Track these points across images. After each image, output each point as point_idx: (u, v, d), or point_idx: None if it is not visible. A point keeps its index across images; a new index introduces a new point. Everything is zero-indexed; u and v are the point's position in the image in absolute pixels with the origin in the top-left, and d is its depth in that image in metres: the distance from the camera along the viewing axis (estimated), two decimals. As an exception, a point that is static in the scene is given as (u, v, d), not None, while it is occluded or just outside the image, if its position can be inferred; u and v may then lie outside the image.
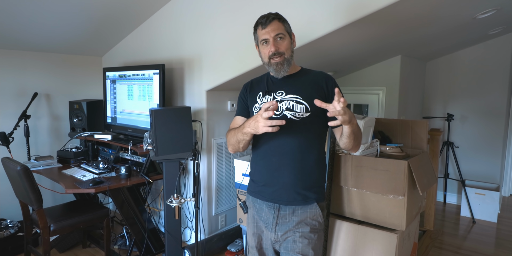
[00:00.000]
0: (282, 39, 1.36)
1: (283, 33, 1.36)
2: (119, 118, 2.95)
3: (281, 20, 1.37)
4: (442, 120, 3.88)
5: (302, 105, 1.35)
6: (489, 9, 2.20)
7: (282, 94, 1.39)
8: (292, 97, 1.37)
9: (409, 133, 2.18)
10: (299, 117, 1.35)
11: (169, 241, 2.27)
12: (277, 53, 1.34)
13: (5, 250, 2.54)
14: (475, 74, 3.71)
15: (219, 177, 2.79)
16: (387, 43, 2.71)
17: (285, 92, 1.39)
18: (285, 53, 1.36)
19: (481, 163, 3.73)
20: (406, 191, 1.70)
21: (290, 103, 1.36)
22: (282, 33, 1.35)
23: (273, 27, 1.34)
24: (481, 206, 3.41)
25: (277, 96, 1.40)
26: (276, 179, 1.39)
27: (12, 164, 2.09)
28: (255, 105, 1.45)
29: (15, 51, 2.85)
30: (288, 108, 1.36)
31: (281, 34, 1.35)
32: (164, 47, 2.81)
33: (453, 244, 2.90)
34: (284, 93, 1.39)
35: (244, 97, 1.53)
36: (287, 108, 1.36)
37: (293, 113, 1.35)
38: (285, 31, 1.37)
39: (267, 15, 1.36)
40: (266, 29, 1.34)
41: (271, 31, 1.34)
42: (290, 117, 1.35)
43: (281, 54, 1.35)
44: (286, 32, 1.37)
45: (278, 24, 1.35)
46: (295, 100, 1.36)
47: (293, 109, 1.35)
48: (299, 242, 1.36)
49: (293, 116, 1.35)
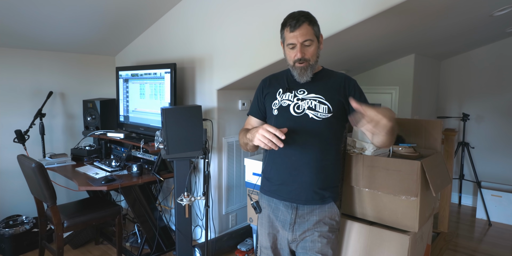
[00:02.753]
0: (309, 45, 1.31)
1: (311, 39, 1.29)
2: (131, 116, 2.98)
3: (311, 23, 1.30)
4: (457, 120, 3.80)
5: (324, 106, 1.34)
6: (506, 6, 2.14)
7: (304, 92, 1.38)
8: (315, 96, 1.35)
9: (422, 133, 2.14)
10: (321, 117, 1.33)
11: (179, 239, 2.28)
12: (303, 59, 1.31)
13: (20, 245, 2.60)
14: (492, 74, 3.61)
15: (230, 176, 2.79)
16: (403, 41, 2.67)
17: (307, 91, 1.37)
18: (310, 60, 1.32)
19: (498, 164, 3.63)
20: (419, 192, 1.67)
21: (313, 102, 1.35)
22: (311, 39, 1.29)
23: (301, 32, 1.27)
24: (498, 208, 3.32)
25: (299, 94, 1.38)
26: (294, 178, 1.37)
27: (27, 161, 2.13)
28: (275, 101, 1.43)
29: (31, 51, 2.92)
30: (310, 108, 1.34)
31: (309, 41, 1.29)
32: (176, 46, 2.83)
33: (468, 247, 2.84)
34: (306, 92, 1.37)
35: (261, 93, 1.50)
36: (309, 107, 1.34)
37: (315, 113, 1.34)
38: (313, 35, 1.30)
39: (298, 17, 1.28)
40: (295, 33, 1.28)
41: (299, 36, 1.27)
42: (312, 117, 1.34)
43: (306, 60, 1.31)
44: (314, 37, 1.31)
45: (308, 28, 1.28)
46: (318, 100, 1.35)
47: (315, 108, 1.34)
48: (318, 241, 1.36)
49: (315, 116, 1.34)
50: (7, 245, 2.54)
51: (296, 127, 1.35)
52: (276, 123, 1.40)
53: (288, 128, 1.33)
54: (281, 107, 1.39)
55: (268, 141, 1.19)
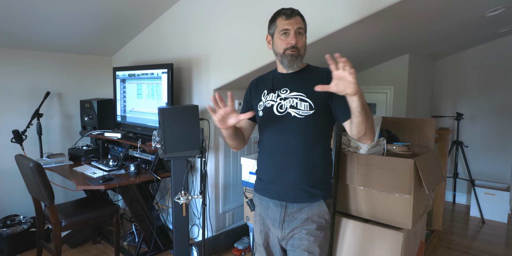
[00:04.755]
0: (301, 35, 1.38)
1: (303, 28, 1.38)
2: (128, 116, 2.99)
3: (301, 17, 1.39)
4: (451, 119, 3.84)
5: (306, 103, 1.34)
6: (498, 7, 2.18)
7: (286, 91, 1.39)
8: (296, 94, 1.37)
9: (416, 132, 2.17)
10: (303, 115, 1.34)
11: (177, 237, 2.30)
12: (295, 47, 1.35)
13: (18, 245, 2.61)
14: (485, 73, 3.66)
15: (227, 175, 2.81)
16: (396, 41, 2.70)
17: (290, 90, 1.39)
18: (301, 50, 1.37)
19: (491, 163, 3.68)
20: (412, 189, 1.70)
21: (294, 100, 1.36)
22: (303, 28, 1.38)
23: (296, 20, 1.35)
24: (491, 206, 3.37)
25: (282, 93, 1.39)
26: (282, 177, 1.39)
27: (25, 161, 2.14)
28: (260, 103, 1.45)
29: (28, 51, 2.92)
30: (292, 106, 1.36)
31: (301, 29, 1.37)
32: (173, 46, 2.85)
33: (462, 244, 2.88)
34: (289, 91, 1.39)
35: (248, 96, 1.53)
36: (291, 106, 1.36)
37: (297, 111, 1.35)
38: (304, 27, 1.40)
39: (291, 9, 1.38)
40: (290, 20, 1.34)
41: (295, 24, 1.34)
42: (294, 115, 1.35)
43: (298, 49, 1.36)
44: (304, 30, 1.40)
45: (300, 20, 1.37)
46: (299, 98, 1.36)
47: (297, 106, 1.35)
48: (306, 239, 1.37)
49: (297, 114, 1.35)
50: (5, 245, 2.55)
51: (280, 126, 1.37)
52: (262, 124, 1.45)
53: (273, 128, 1.39)
54: (266, 108, 1.42)
55: (217, 117, 1.26)
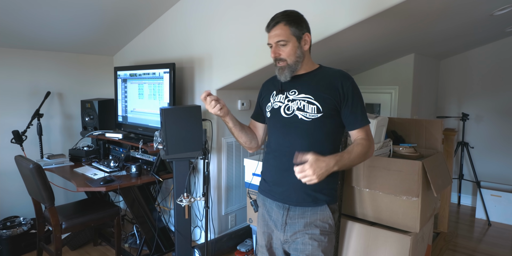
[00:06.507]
0: (284, 45, 1.30)
1: (285, 39, 1.29)
2: (130, 117, 2.96)
3: (289, 22, 1.29)
4: (456, 119, 3.80)
5: (313, 106, 1.31)
6: (507, 5, 2.14)
7: (294, 93, 1.36)
8: (304, 97, 1.33)
9: (423, 133, 2.13)
10: (310, 118, 1.31)
11: (179, 240, 2.27)
12: (278, 59, 1.32)
13: (18, 247, 2.58)
14: (491, 73, 3.61)
15: (229, 177, 2.78)
16: (401, 41, 2.66)
17: (298, 92, 1.35)
18: (287, 60, 1.31)
19: (497, 164, 3.63)
20: (420, 192, 1.66)
21: (302, 103, 1.33)
22: (284, 40, 1.29)
23: (276, 32, 1.29)
24: (497, 208, 3.32)
25: (290, 95, 1.37)
26: (285, 179, 1.37)
27: (25, 162, 2.12)
28: (268, 104, 1.44)
29: (29, 51, 2.89)
30: (299, 108, 1.33)
31: (282, 41, 1.29)
32: (174, 46, 2.81)
33: (468, 247, 2.83)
34: (297, 92, 1.35)
35: (260, 97, 1.54)
36: (298, 108, 1.33)
37: (304, 113, 1.32)
38: (290, 35, 1.29)
39: (274, 17, 1.31)
40: (270, 33, 1.31)
41: (273, 37, 1.30)
42: (301, 118, 1.32)
43: (283, 60, 1.32)
44: (291, 37, 1.29)
45: (283, 28, 1.28)
46: (306, 100, 1.32)
47: (304, 109, 1.32)
48: (309, 244, 1.34)
49: (304, 116, 1.32)
50: (4, 247, 2.52)
51: (286, 128, 1.36)
52: (269, 125, 1.45)
53: (279, 130, 1.38)
54: (273, 109, 1.40)
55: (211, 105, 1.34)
